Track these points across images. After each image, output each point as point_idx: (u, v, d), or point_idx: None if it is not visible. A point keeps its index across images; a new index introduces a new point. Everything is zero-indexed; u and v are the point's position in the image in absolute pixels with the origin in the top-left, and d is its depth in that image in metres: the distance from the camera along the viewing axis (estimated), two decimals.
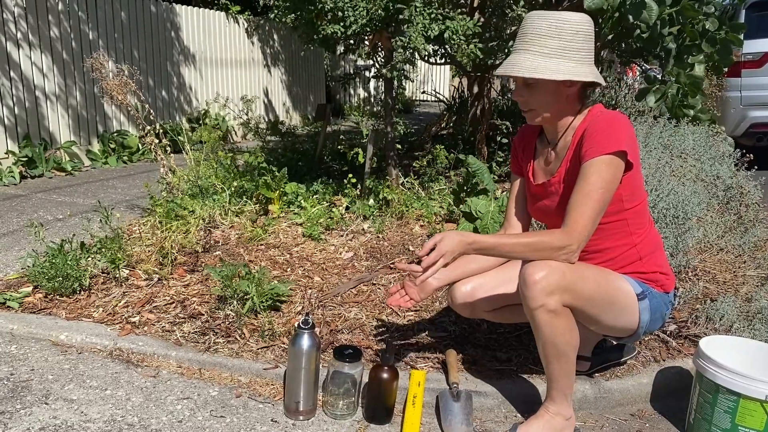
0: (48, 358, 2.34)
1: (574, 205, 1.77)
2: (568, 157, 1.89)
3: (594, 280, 1.83)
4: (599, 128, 1.79)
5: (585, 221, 1.75)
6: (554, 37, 1.78)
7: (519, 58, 1.81)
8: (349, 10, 3.35)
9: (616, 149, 1.75)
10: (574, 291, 1.76)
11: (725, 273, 2.99)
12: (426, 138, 6.40)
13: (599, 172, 1.75)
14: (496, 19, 4.48)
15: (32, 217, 4.15)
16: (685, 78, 3.65)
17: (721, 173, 3.49)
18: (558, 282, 1.73)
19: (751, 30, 4.44)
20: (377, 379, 1.97)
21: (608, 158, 1.75)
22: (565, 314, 1.78)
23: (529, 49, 1.80)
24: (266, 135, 6.75)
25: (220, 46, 8.43)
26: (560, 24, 1.78)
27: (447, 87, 14.64)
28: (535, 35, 1.79)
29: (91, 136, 6.44)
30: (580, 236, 1.75)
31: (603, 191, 1.75)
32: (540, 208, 2.03)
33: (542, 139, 2.06)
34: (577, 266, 1.80)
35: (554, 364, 1.85)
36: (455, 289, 2.15)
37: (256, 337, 2.44)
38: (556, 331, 1.78)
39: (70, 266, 2.77)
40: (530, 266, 1.76)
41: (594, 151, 1.76)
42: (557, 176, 1.93)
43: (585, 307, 1.82)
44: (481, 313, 2.16)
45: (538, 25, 1.80)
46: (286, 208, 3.97)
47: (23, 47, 5.61)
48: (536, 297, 1.74)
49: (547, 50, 1.78)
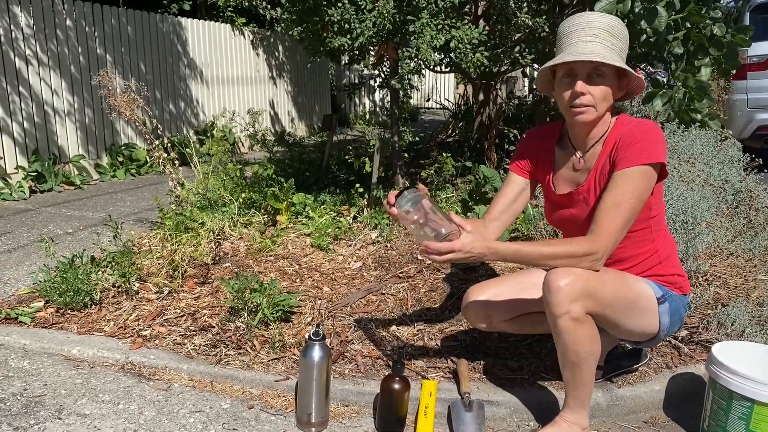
0: (60, 373, 2.35)
1: (603, 212, 1.75)
2: (598, 165, 1.87)
3: (614, 286, 1.83)
4: (636, 138, 1.77)
5: (613, 230, 1.73)
6: (616, 36, 1.79)
7: (594, 48, 1.76)
8: (356, 23, 3.36)
9: (655, 161, 1.75)
10: (597, 297, 1.76)
11: (736, 277, 2.97)
12: (432, 146, 6.41)
13: (633, 181, 1.74)
14: (501, 26, 4.49)
15: (42, 231, 4.18)
16: (693, 82, 3.65)
17: (729, 177, 3.48)
18: (582, 288, 1.72)
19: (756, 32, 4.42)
20: (389, 389, 1.97)
21: (643, 168, 1.74)
22: (588, 322, 1.78)
23: (600, 42, 1.77)
24: (273, 146, 6.78)
25: (226, 59, 8.49)
26: (619, 26, 1.81)
27: (452, 94, 14.64)
28: (604, 30, 1.78)
29: (99, 149, 6.48)
30: (606, 244, 1.73)
31: (635, 201, 1.74)
32: (565, 217, 1.99)
33: (563, 146, 2.01)
34: (599, 272, 1.79)
35: (575, 373, 1.84)
36: (469, 302, 2.13)
37: (267, 348, 2.44)
38: (579, 339, 1.77)
39: (81, 280, 2.79)
40: (554, 273, 1.75)
41: (631, 160, 1.75)
42: (585, 185, 1.90)
43: (607, 312, 1.81)
44: (497, 324, 2.13)
45: (605, 21, 1.79)
46: (294, 219, 3.99)
47: (32, 64, 5.67)
48: (561, 303, 1.73)
49: (614, 48, 1.78)
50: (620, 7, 3.42)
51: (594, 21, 1.79)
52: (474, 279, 3.06)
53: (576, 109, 1.81)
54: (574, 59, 1.74)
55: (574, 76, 1.79)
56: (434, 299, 2.90)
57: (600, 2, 3.44)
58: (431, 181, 4.60)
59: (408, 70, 3.41)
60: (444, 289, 2.98)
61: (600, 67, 1.75)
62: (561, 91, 1.84)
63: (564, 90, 1.82)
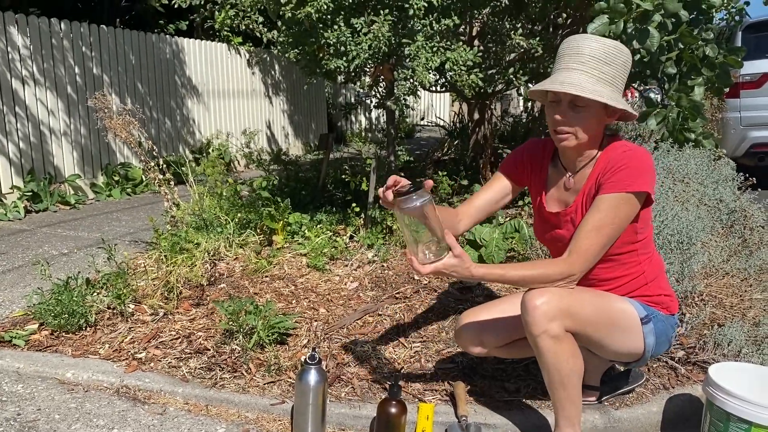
0: (54, 397, 2.33)
1: (582, 235, 1.77)
2: (586, 189, 1.88)
3: (594, 304, 1.84)
4: (623, 165, 1.77)
5: (590, 253, 1.76)
6: (609, 63, 1.77)
7: (576, 77, 1.76)
8: (352, 45, 3.39)
9: (639, 189, 1.76)
10: (575, 315, 1.77)
11: (732, 297, 2.98)
12: (428, 164, 6.43)
13: (615, 207, 1.75)
14: (494, 46, 4.53)
15: (37, 252, 4.17)
16: (686, 102, 3.68)
17: (724, 197, 3.50)
18: (558, 307, 1.74)
19: (748, 51, 4.48)
20: (385, 413, 1.96)
21: (627, 196, 1.75)
22: (567, 339, 1.79)
23: (586, 71, 1.76)
24: (269, 165, 6.79)
25: (223, 78, 8.53)
26: (615, 52, 1.78)
27: (447, 112, 14.71)
28: (592, 58, 1.76)
29: (95, 169, 6.49)
30: (581, 267, 1.77)
31: (614, 227, 1.76)
32: (553, 236, 2.01)
33: (555, 164, 2.02)
34: (576, 290, 1.81)
35: (559, 392, 1.85)
36: (462, 329, 2.13)
37: (263, 371, 2.43)
38: (560, 356, 1.78)
39: (75, 302, 2.78)
40: (530, 293, 1.78)
41: (615, 186, 1.76)
42: (573, 207, 1.91)
43: (587, 330, 1.82)
44: (492, 350, 2.13)
45: (594, 47, 1.77)
46: (290, 239, 3.98)
47: (29, 84, 5.68)
48: (538, 323, 1.75)
49: (603, 75, 1.76)
50: (613, 28, 3.46)
51: (585, 47, 1.77)
52: (470, 299, 3.06)
53: (558, 135, 1.83)
54: (553, 88, 1.76)
55: (558, 101, 1.80)
56: (431, 320, 2.89)
57: (593, 23, 3.49)
58: None
59: (404, 91, 3.43)
60: (440, 309, 2.97)
61: (580, 97, 1.75)
62: (548, 113, 1.86)
63: (550, 113, 1.84)
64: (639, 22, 3.41)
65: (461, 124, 7.32)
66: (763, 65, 6.31)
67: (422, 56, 3.35)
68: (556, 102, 1.81)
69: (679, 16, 3.50)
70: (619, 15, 3.43)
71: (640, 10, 3.37)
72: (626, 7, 3.41)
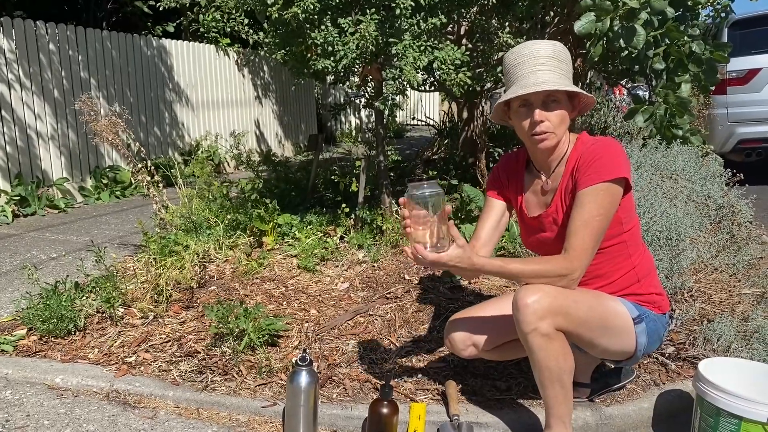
0: (44, 403, 2.31)
1: (573, 232, 1.78)
2: (562, 186, 1.90)
3: (586, 303, 1.84)
4: (596, 155, 1.81)
5: (585, 248, 1.77)
6: (562, 61, 1.83)
7: (543, 76, 1.79)
8: (339, 45, 3.38)
9: (617, 176, 1.78)
10: (566, 314, 1.77)
11: (721, 293, 2.99)
12: (418, 164, 6.43)
13: (597, 199, 1.77)
14: (482, 45, 4.54)
15: (26, 257, 4.14)
16: (673, 98, 3.70)
17: (712, 193, 3.51)
18: (550, 305, 1.75)
19: (735, 48, 4.52)
20: (377, 414, 1.96)
21: (605, 185, 1.77)
22: (558, 338, 1.79)
23: (548, 69, 1.80)
24: (259, 166, 6.77)
25: (211, 80, 8.49)
26: (562, 51, 1.84)
27: (437, 111, 14.73)
28: (548, 57, 1.81)
29: (83, 172, 6.45)
30: (581, 263, 1.77)
31: (601, 218, 1.77)
32: (538, 239, 2.02)
33: (530, 170, 2.05)
34: (572, 291, 1.81)
35: (549, 390, 1.85)
36: (453, 334, 2.13)
37: (254, 374, 2.42)
38: (550, 355, 1.78)
39: (64, 307, 2.76)
40: (522, 290, 1.78)
41: (592, 178, 1.78)
42: (552, 207, 1.93)
43: (579, 330, 1.83)
44: (483, 353, 2.13)
45: (545, 48, 1.82)
46: (280, 240, 3.97)
47: (15, 88, 5.64)
48: (529, 321, 1.75)
49: (562, 72, 1.82)
50: (599, 26, 3.48)
51: (539, 50, 1.82)
52: (461, 298, 3.06)
53: (537, 137, 1.85)
54: (528, 91, 1.77)
55: (530, 105, 1.83)
56: (422, 319, 2.89)
57: (579, 21, 3.50)
58: None
59: (392, 91, 3.42)
60: (431, 309, 2.97)
61: (553, 93, 1.80)
62: (519, 121, 1.88)
63: (522, 120, 1.86)
64: (625, 19, 3.43)
65: (451, 123, 7.33)
66: (749, 61, 6.36)
67: (410, 55, 3.35)
68: (527, 107, 1.84)
69: (665, 13, 3.52)
70: (606, 13, 3.45)
71: (626, 7, 3.39)
72: (612, 5, 3.42)
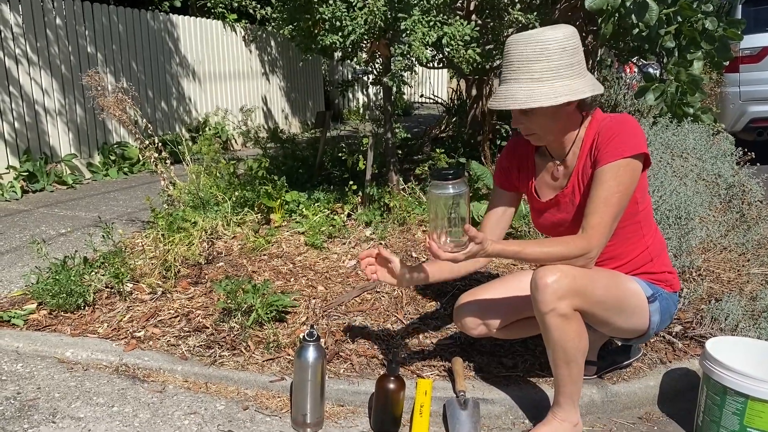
0: (54, 376, 2.34)
1: (592, 209, 1.76)
2: (579, 167, 1.88)
3: (604, 284, 1.84)
4: (614, 132, 1.78)
5: (603, 226, 1.75)
6: (542, 60, 1.72)
7: (511, 89, 1.76)
8: (347, 20, 3.35)
9: (637, 152, 1.75)
10: (584, 295, 1.77)
11: (729, 272, 2.98)
12: (426, 141, 6.40)
13: (617, 176, 1.75)
14: (492, 21, 4.48)
15: (34, 232, 4.16)
16: (685, 76, 3.65)
17: (722, 172, 3.49)
18: (569, 286, 1.73)
19: (748, 25, 4.45)
20: (384, 389, 1.97)
21: (625, 162, 1.75)
22: (575, 319, 1.78)
23: (519, 78, 1.75)
24: (266, 143, 6.75)
25: (218, 56, 8.45)
26: (545, 44, 1.72)
27: (445, 89, 14.63)
28: (522, 62, 1.74)
29: (91, 148, 6.45)
30: (599, 242, 1.76)
31: (621, 195, 1.75)
32: (552, 221, 2.00)
33: (542, 153, 2.02)
34: (590, 271, 1.80)
35: (563, 369, 1.85)
36: (464, 315, 2.14)
37: (262, 349, 2.44)
38: (566, 335, 1.78)
39: (73, 282, 2.78)
40: (541, 270, 1.76)
41: (611, 155, 1.75)
42: (569, 187, 1.91)
43: (595, 310, 1.82)
44: (493, 331, 2.14)
45: (522, 50, 1.74)
46: (287, 217, 3.98)
47: (22, 63, 5.63)
48: (547, 301, 1.74)
49: (538, 75, 1.73)
50: (611, 1, 3.42)
51: (514, 54, 1.76)
52: (469, 277, 3.06)
53: (526, 137, 1.89)
54: (492, 106, 1.80)
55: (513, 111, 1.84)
56: (429, 296, 2.90)
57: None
58: (425, 178, 4.60)
59: (400, 67, 3.39)
60: (438, 286, 2.98)
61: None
62: None
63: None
64: None
65: (459, 100, 7.28)
66: (763, 39, 6.26)
67: (419, 31, 3.31)
68: None
69: None
70: None
71: None
72: None
